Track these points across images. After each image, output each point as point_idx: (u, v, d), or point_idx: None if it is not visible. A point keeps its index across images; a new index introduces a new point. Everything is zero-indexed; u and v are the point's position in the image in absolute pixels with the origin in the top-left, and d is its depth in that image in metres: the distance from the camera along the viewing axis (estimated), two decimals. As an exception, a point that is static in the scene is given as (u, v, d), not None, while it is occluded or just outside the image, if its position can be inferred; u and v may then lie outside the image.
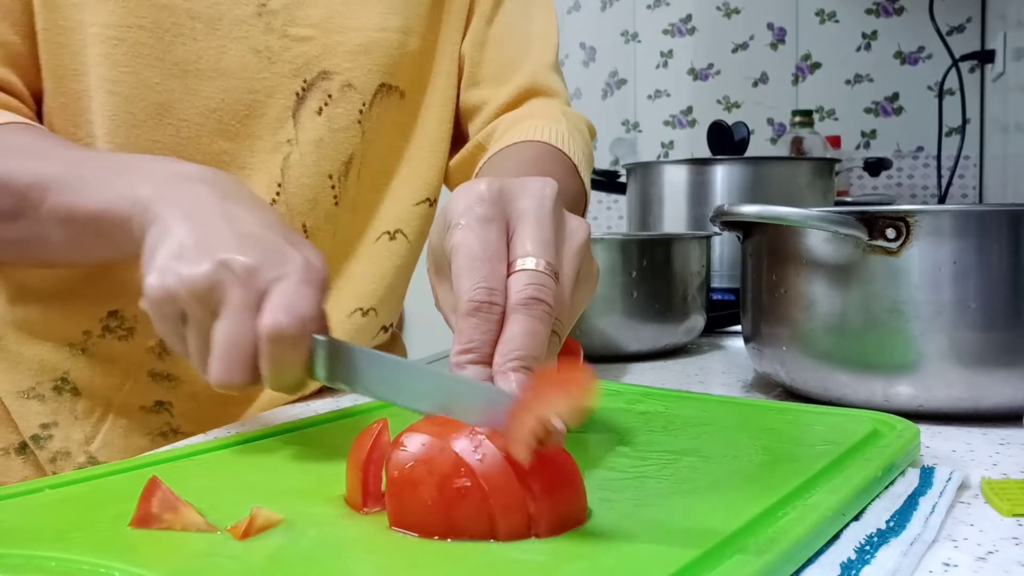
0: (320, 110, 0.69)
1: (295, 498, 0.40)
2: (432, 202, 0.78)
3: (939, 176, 1.77)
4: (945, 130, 1.82)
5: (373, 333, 0.77)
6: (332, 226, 0.72)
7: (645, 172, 1.33)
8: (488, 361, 0.40)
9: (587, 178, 0.74)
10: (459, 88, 0.79)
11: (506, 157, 0.70)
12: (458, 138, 0.80)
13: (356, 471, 0.39)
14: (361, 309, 0.74)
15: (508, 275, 0.41)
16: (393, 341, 0.83)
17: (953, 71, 1.69)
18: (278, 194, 0.68)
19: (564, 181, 0.67)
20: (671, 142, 2.29)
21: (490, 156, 0.71)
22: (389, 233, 0.75)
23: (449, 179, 0.81)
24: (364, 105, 0.71)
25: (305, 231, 0.70)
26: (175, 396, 0.70)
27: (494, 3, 0.79)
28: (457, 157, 0.80)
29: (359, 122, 0.71)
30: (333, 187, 0.70)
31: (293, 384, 0.45)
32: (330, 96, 0.69)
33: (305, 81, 0.68)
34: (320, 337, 0.44)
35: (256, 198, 0.51)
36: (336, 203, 0.71)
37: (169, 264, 0.45)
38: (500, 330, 0.40)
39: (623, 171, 1.42)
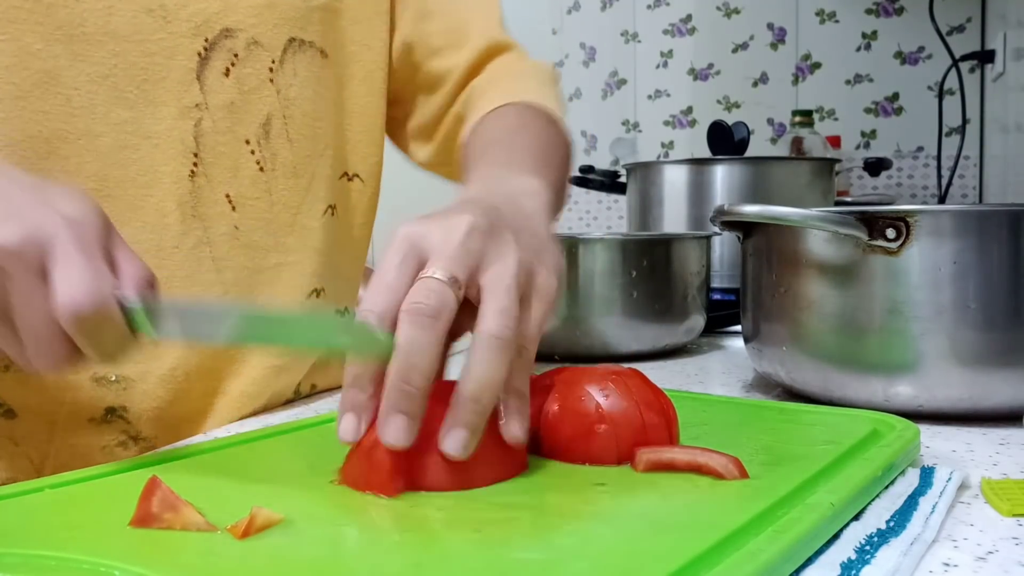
0: (227, 71, 0.65)
1: (295, 498, 0.40)
2: (364, 180, 0.76)
3: (939, 176, 1.77)
4: (945, 130, 1.82)
5: None
6: (266, 194, 0.68)
7: (645, 172, 1.33)
8: None
9: (563, 120, 0.76)
10: (391, 60, 0.77)
11: (490, 125, 0.72)
12: (397, 118, 0.81)
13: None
14: (316, 290, 0.71)
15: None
16: None
17: (953, 71, 1.69)
18: (196, 165, 0.64)
19: (548, 135, 0.71)
20: (671, 142, 2.29)
21: (475, 127, 0.72)
22: (332, 208, 0.73)
23: (434, 159, 0.81)
24: (274, 63, 0.67)
25: (230, 203, 0.66)
26: (129, 399, 0.63)
27: None
28: (440, 135, 0.79)
29: (271, 80, 0.67)
30: (253, 152, 0.66)
31: (119, 350, 0.45)
32: (236, 55, 0.65)
33: (207, 40, 0.64)
34: (131, 301, 0.44)
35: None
36: (261, 169, 0.67)
37: None
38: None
39: (623, 171, 1.42)
